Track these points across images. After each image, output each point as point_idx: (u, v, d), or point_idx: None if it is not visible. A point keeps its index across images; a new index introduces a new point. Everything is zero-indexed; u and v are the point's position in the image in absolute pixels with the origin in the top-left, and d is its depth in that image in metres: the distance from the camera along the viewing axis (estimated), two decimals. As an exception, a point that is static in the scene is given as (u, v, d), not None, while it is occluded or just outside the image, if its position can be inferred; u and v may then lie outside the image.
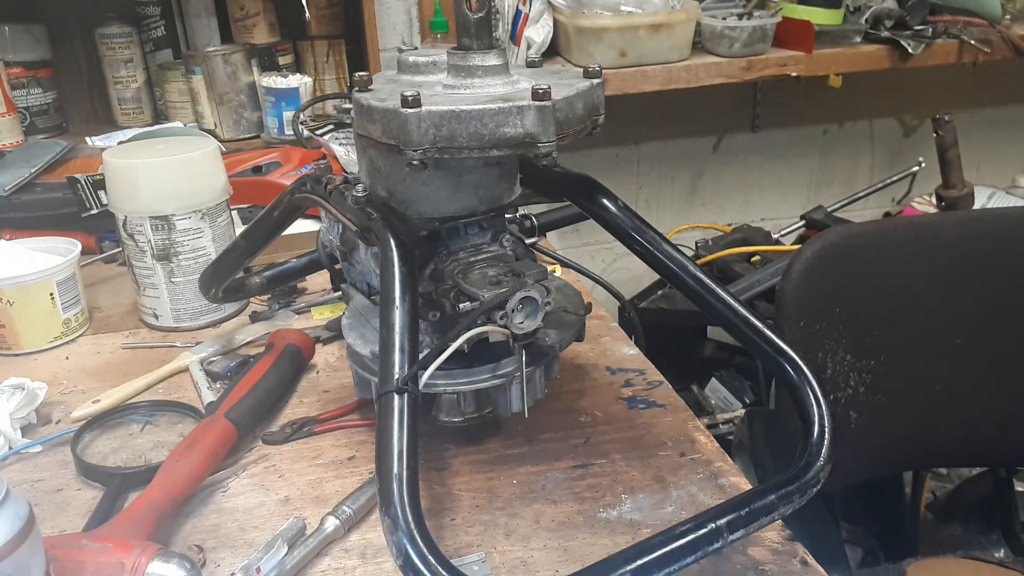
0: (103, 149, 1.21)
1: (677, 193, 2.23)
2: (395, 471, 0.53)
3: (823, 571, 0.61)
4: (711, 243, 1.85)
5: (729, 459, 0.74)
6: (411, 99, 0.60)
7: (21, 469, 0.76)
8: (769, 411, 1.51)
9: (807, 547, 0.63)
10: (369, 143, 0.66)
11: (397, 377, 0.57)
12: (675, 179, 2.21)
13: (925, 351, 1.06)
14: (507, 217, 0.74)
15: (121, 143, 1.30)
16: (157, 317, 1.01)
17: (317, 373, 0.91)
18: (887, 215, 2.27)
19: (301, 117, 1.45)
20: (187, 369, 0.91)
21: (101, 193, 1.21)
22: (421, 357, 0.59)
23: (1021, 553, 1.21)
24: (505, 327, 0.63)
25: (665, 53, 1.69)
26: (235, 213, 1.14)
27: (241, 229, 0.90)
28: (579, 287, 0.97)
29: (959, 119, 1.85)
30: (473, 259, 0.68)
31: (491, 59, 0.65)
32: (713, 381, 1.76)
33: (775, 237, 1.95)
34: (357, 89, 0.67)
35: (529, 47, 1.68)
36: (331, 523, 0.65)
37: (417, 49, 0.72)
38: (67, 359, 0.96)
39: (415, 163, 0.61)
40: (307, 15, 1.61)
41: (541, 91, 0.60)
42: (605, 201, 0.71)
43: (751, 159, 2.23)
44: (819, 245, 1.02)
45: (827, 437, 0.62)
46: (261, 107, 1.66)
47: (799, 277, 1.00)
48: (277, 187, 1.24)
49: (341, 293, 0.82)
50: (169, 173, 0.96)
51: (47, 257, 0.98)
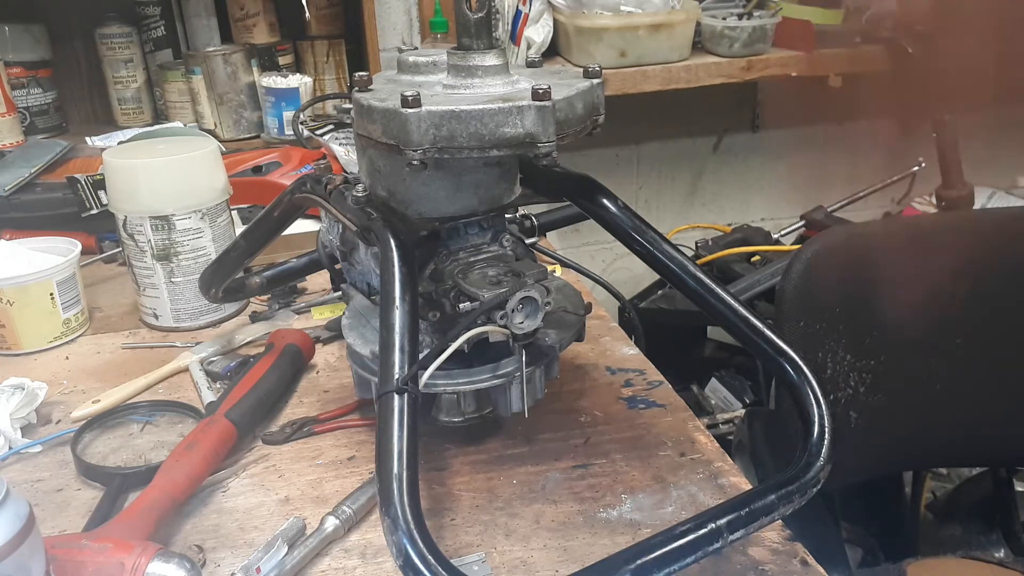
0: (103, 149, 1.21)
1: (677, 193, 2.23)
2: (395, 471, 0.53)
3: (823, 571, 0.61)
4: (711, 243, 1.85)
5: (729, 459, 0.74)
6: (411, 99, 0.60)
7: (21, 469, 0.76)
8: (769, 411, 1.51)
9: (807, 547, 0.63)
10: (369, 143, 0.66)
11: (397, 377, 0.57)
12: (675, 179, 2.21)
13: (925, 351, 1.06)
14: (507, 217, 0.74)
15: (121, 143, 1.30)
16: (157, 317, 1.01)
17: (317, 373, 0.91)
18: (887, 215, 2.27)
19: (301, 117, 1.45)
20: (187, 369, 0.91)
21: (101, 193, 1.21)
22: (421, 357, 0.59)
23: (1021, 553, 1.21)
24: (505, 327, 0.63)
25: (665, 53, 1.69)
26: (235, 213, 1.14)
27: (241, 229, 0.90)
28: (579, 287, 0.97)
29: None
30: (473, 259, 0.68)
31: (491, 59, 0.65)
32: (713, 381, 1.76)
33: (775, 237, 1.95)
34: (357, 89, 0.67)
35: (529, 47, 1.68)
36: (331, 523, 0.65)
37: (417, 49, 0.72)
38: (67, 359, 0.96)
39: (415, 163, 0.61)
40: (307, 15, 1.61)
41: (541, 91, 0.60)
42: (605, 201, 0.71)
43: (751, 159, 2.23)
44: (819, 245, 1.02)
45: (827, 437, 0.62)
46: (261, 107, 1.66)
47: (799, 277, 1.00)
48: (277, 187, 1.24)
49: (341, 293, 0.82)
50: (169, 173, 0.96)
51: (47, 257, 0.98)
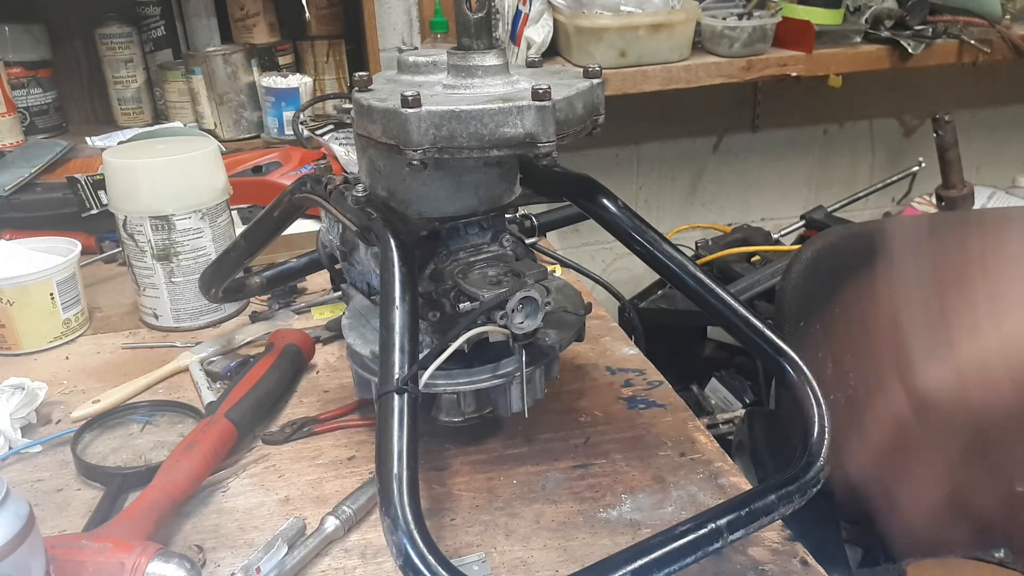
0: (103, 149, 1.21)
1: (677, 193, 2.23)
2: (395, 471, 0.53)
3: (823, 571, 0.61)
4: (711, 243, 1.85)
5: (729, 459, 0.74)
6: (411, 99, 0.60)
7: (21, 469, 0.76)
8: (769, 411, 1.51)
9: (807, 547, 0.63)
10: (369, 143, 0.66)
11: (397, 377, 0.57)
12: (675, 179, 2.21)
13: (925, 351, 1.06)
14: (507, 217, 0.73)
15: (121, 143, 1.30)
16: (157, 317, 1.01)
17: (317, 373, 0.91)
18: (887, 215, 2.27)
19: (301, 117, 1.45)
20: (187, 369, 0.91)
21: (101, 193, 1.21)
22: (421, 357, 0.59)
23: (1021, 553, 1.21)
24: (505, 327, 0.63)
25: (665, 53, 1.69)
26: (235, 213, 1.14)
27: (241, 229, 0.90)
28: (579, 287, 0.97)
29: (959, 119, 1.85)
30: (473, 259, 0.68)
31: (491, 59, 0.65)
32: (713, 381, 1.76)
33: (775, 237, 1.95)
34: (357, 89, 0.67)
35: (529, 47, 1.68)
36: (331, 523, 0.65)
37: (417, 49, 0.72)
38: (67, 359, 0.96)
39: (415, 163, 0.61)
40: (307, 15, 1.61)
41: (541, 91, 0.60)
42: (605, 201, 0.71)
43: (751, 159, 2.23)
44: (819, 245, 1.02)
45: (827, 437, 0.62)
46: (261, 107, 1.66)
47: (799, 277, 1.00)
48: (277, 187, 1.24)
49: (341, 293, 0.82)
50: (169, 173, 0.96)
51: (47, 257, 0.98)
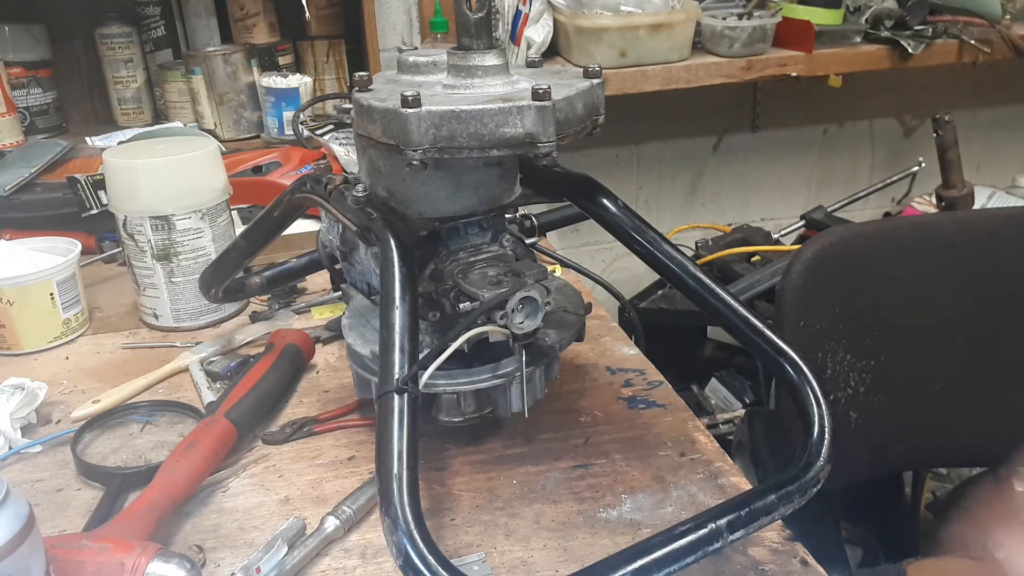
0: (103, 149, 1.21)
1: (677, 193, 2.23)
2: (395, 471, 0.53)
3: (823, 571, 0.61)
4: (711, 243, 1.85)
5: (729, 459, 0.74)
6: (411, 99, 0.60)
7: (21, 469, 0.76)
8: (769, 411, 1.51)
9: (807, 547, 0.63)
10: (369, 143, 0.66)
11: (397, 377, 0.57)
12: (675, 179, 2.21)
13: (925, 351, 1.06)
14: (507, 217, 0.74)
15: (121, 143, 1.30)
16: (157, 317, 1.01)
17: (317, 373, 0.91)
18: (887, 215, 2.27)
19: (301, 117, 1.45)
20: (187, 369, 0.91)
21: (101, 193, 1.21)
22: (421, 357, 0.59)
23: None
24: (505, 327, 0.63)
25: (665, 53, 1.68)
26: (235, 213, 1.14)
27: (241, 229, 0.90)
28: (579, 287, 0.97)
29: (959, 119, 1.85)
30: (473, 259, 0.68)
31: (491, 59, 0.65)
32: (713, 381, 1.76)
33: (775, 237, 1.95)
34: (357, 89, 0.67)
35: (529, 47, 1.68)
36: (331, 523, 0.65)
37: (417, 49, 0.72)
38: (67, 359, 0.96)
39: (415, 163, 0.61)
40: (307, 15, 1.61)
41: (541, 91, 0.60)
42: (605, 201, 0.71)
43: (751, 159, 2.23)
44: (819, 245, 1.02)
45: (827, 437, 0.62)
46: (261, 107, 1.66)
47: (799, 277, 1.00)
48: (277, 187, 1.24)
49: (341, 293, 0.82)
50: (169, 173, 0.96)
51: (47, 257, 0.98)
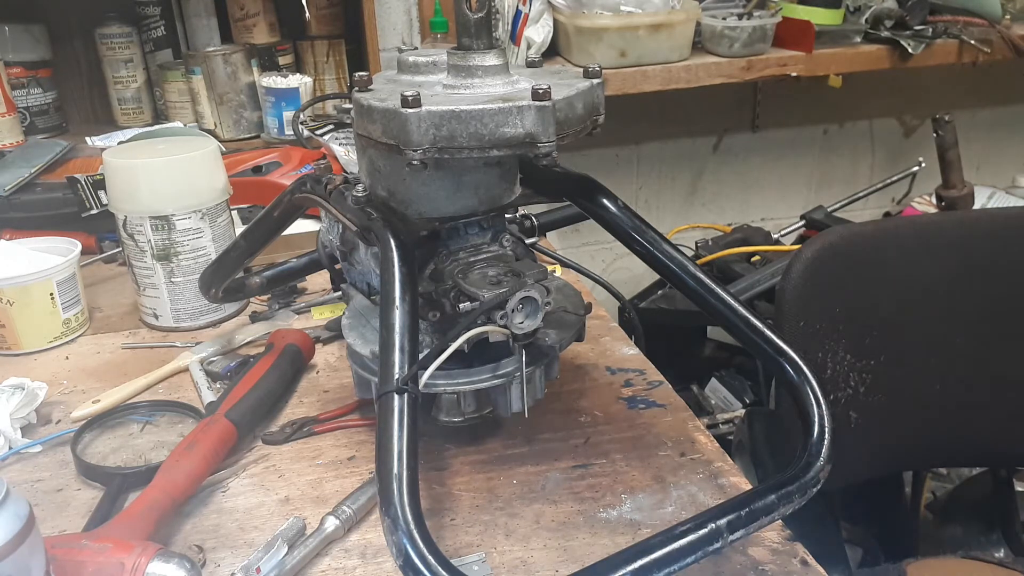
0: (103, 149, 1.21)
1: (677, 193, 2.23)
2: (395, 471, 0.53)
3: (823, 571, 0.61)
4: (711, 243, 1.85)
5: (729, 459, 0.74)
6: (411, 99, 0.60)
7: (21, 469, 0.76)
8: (769, 411, 1.51)
9: (807, 547, 0.63)
10: (369, 143, 0.66)
11: (397, 377, 0.57)
12: (675, 179, 2.21)
13: (925, 351, 1.06)
14: (507, 217, 0.74)
15: (121, 143, 1.30)
16: (157, 317, 1.01)
17: (317, 373, 0.91)
18: (887, 215, 2.27)
19: (301, 117, 1.45)
20: (187, 369, 0.91)
21: (101, 193, 1.21)
22: (421, 357, 0.59)
23: (1021, 553, 1.21)
24: (505, 327, 0.63)
25: (665, 53, 1.68)
26: (235, 213, 1.14)
27: (241, 229, 0.90)
28: (579, 287, 0.97)
29: (959, 119, 1.85)
30: (473, 259, 0.68)
31: (491, 59, 0.65)
32: (713, 381, 1.76)
33: (775, 237, 1.95)
34: (357, 89, 0.67)
35: (529, 47, 1.68)
36: (331, 523, 0.65)
37: (417, 49, 0.72)
38: (67, 359, 0.96)
39: (415, 163, 0.61)
40: (307, 15, 1.61)
41: (541, 91, 0.60)
42: (605, 201, 0.71)
43: (751, 159, 2.23)
44: (819, 245, 1.02)
45: (827, 437, 0.62)
46: (261, 107, 1.66)
47: (799, 277, 1.00)
48: (277, 187, 1.24)
49: (341, 293, 0.82)
50: (169, 173, 0.96)
51: (47, 257, 0.98)
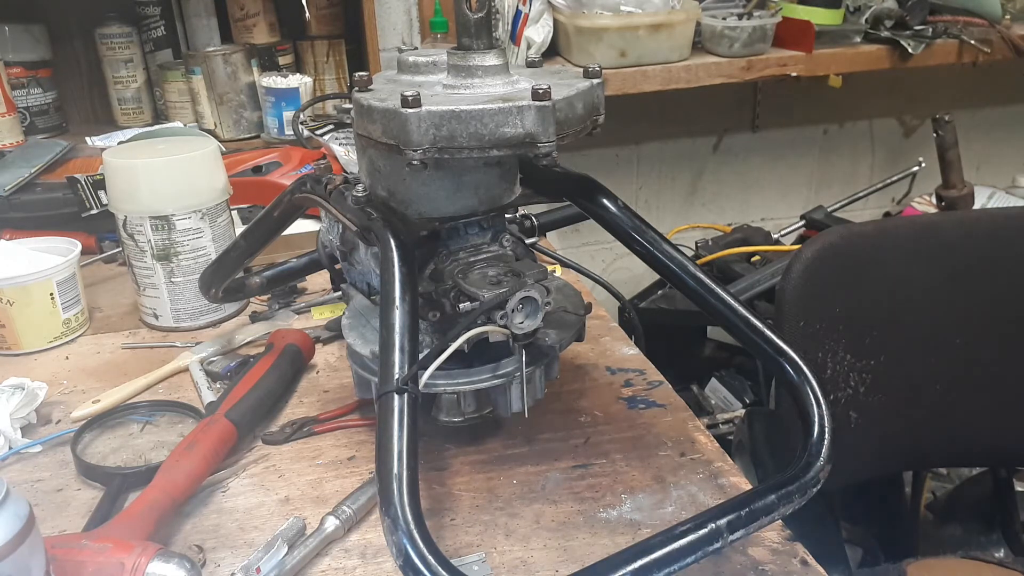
0: (103, 149, 1.21)
1: (677, 193, 2.23)
2: (395, 471, 0.53)
3: (823, 571, 0.61)
4: (711, 243, 1.85)
5: (729, 459, 0.74)
6: (411, 99, 0.60)
7: (21, 469, 0.76)
8: (769, 411, 1.51)
9: (807, 547, 0.63)
10: (369, 143, 0.66)
11: (397, 377, 0.57)
12: (675, 179, 2.21)
13: (925, 351, 1.06)
14: (507, 217, 0.74)
15: (121, 143, 1.30)
16: (157, 317, 1.01)
17: (317, 373, 0.91)
18: (887, 215, 2.27)
19: (301, 117, 1.45)
20: (187, 369, 0.91)
21: (101, 193, 1.21)
22: (421, 357, 0.59)
23: (1021, 553, 1.21)
24: (505, 327, 0.63)
25: (665, 53, 1.69)
26: (235, 213, 1.14)
27: (241, 229, 0.90)
28: (579, 287, 0.97)
29: (959, 119, 1.85)
30: (473, 259, 0.68)
31: (491, 59, 0.65)
32: (713, 381, 1.76)
33: (775, 237, 1.95)
34: (357, 89, 0.67)
35: (529, 47, 1.68)
36: (331, 523, 0.65)
37: (417, 49, 0.72)
38: (67, 359, 0.96)
39: (415, 163, 0.61)
40: (307, 15, 1.61)
41: (541, 91, 0.60)
42: (605, 201, 0.71)
43: (751, 159, 2.23)
44: (819, 245, 1.02)
45: (827, 437, 0.62)
46: (261, 107, 1.66)
47: (799, 277, 1.00)
48: (277, 187, 1.24)
49: (341, 293, 0.82)
50: (169, 173, 0.96)
51: (47, 257, 0.98)
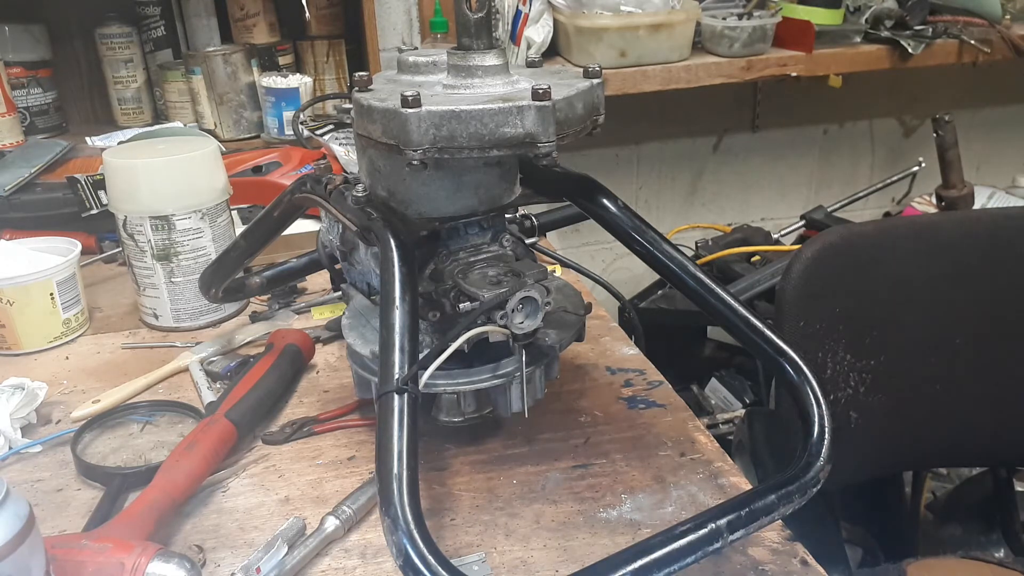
0: (103, 149, 1.21)
1: (677, 193, 2.23)
2: (395, 471, 0.53)
3: (823, 571, 0.61)
4: (711, 243, 1.85)
5: (729, 459, 0.74)
6: (411, 99, 0.60)
7: (21, 469, 0.76)
8: (769, 411, 1.51)
9: (807, 547, 0.63)
10: (369, 143, 0.66)
11: (397, 377, 0.57)
12: (675, 179, 2.21)
13: (925, 351, 1.06)
14: (507, 217, 0.74)
15: (121, 143, 1.30)
16: (157, 317, 1.01)
17: (317, 373, 0.91)
18: (887, 215, 2.27)
19: (301, 117, 1.45)
20: (187, 369, 0.91)
21: (101, 193, 1.21)
22: (421, 357, 0.59)
23: (1021, 553, 1.21)
24: (505, 327, 0.63)
25: (665, 53, 1.69)
26: (235, 213, 1.14)
27: (241, 229, 0.90)
28: (579, 287, 0.97)
29: (959, 119, 1.85)
30: (473, 259, 0.68)
31: (491, 59, 0.65)
32: (713, 381, 1.76)
33: (775, 237, 1.95)
34: (357, 89, 0.67)
35: (529, 47, 1.68)
36: (331, 523, 0.65)
37: (417, 49, 0.72)
38: (67, 359, 0.96)
39: (415, 163, 0.61)
40: (307, 15, 1.61)
41: (541, 91, 0.60)
42: (605, 201, 0.71)
43: (751, 159, 2.23)
44: (819, 245, 1.02)
45: (827, 437, 0.62)
46: (261, 107, 1.66)
47: (799, 277, 1.00)
48: (277, 187, 1.24)
49: (341, 293, 0.82)
50: (169, 173, 0.96)
51: (47, 257, 0.98)
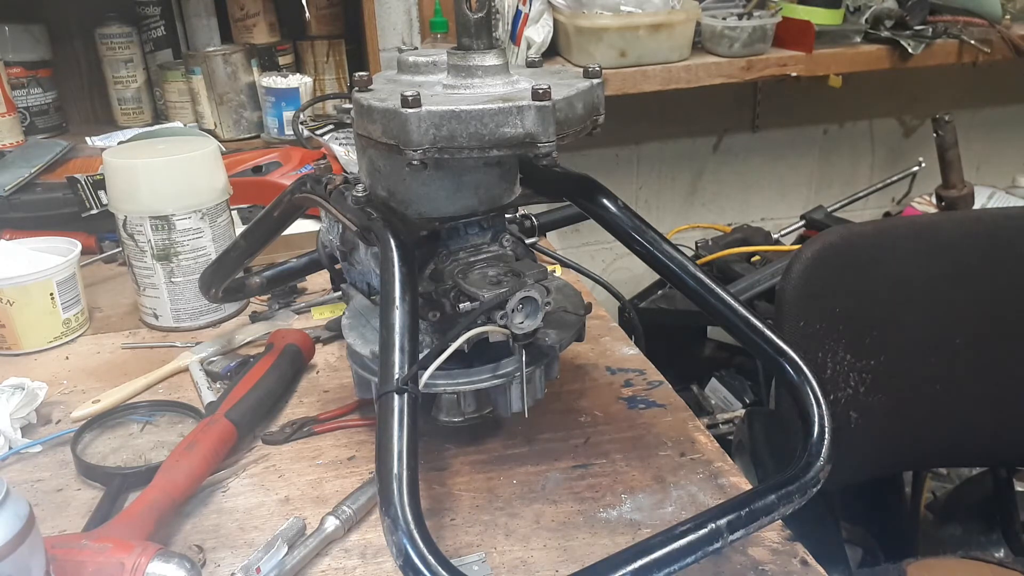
0: (103, 149, 1.21)
1: (677, 193, 2.23)
2: (395, 471, 0.53)
3: (823, 571, 0.61)
4: (711, 243, 1.85)
5: (729, 459, 0.74)
6: (411, 99, 0.60)
7: (21, 469, 0.76)
8: (769, 411, 1.51)
9: (807, 547, 0.63)
10: (369, 143, 0.66)
11: (397, 377, 0.57)
12: (675, 179, 2.21)
13: (925, 351, 1.06)
14: (507, 217, 0.74)
15: (121, 143, 1.30)
16: (157, 317, 1.01)
17: (317, 373, 0.91)
18: (887, 215, 2.27)
19: (301, 117, 1.45)
20: (187, 369, 0.91)
21: (101, 193, 1.21)
22: (421, 357, 0.59)
23: (1021, 553, 1.21)
24: (505, 327, 0.63)
25: (665, 53, 1.69)
26: (235, 213, 1.14)
27: (241, 229, 0.90)
28: (579, 287, 0.97)
29: (959, 119, 1.85)
30: (473, 259, 0.68)
31: (491, 59, 0.65)
32: (713, 381, 1.76)
33: (775, 237, 1.95)
34: (357, 89, 0.67)
35: (529, 47, 1.68)
36: (331, 523, 0.65)
37: (417, 49, 0.72)
38: (67, 359, 0.96)
39: (415, 163, 0.61)
40: (307, 15, 1.61)
41: (541, 91, 0.60)
42: (605, 201, 0.71)
43: (751, 159, 2.23)
44: (819, 245, 1.02)
45: (827, 437, 0.62)
46: (261, 107, 1.66)
47: (799, 277, 1.00)
48: (277, 187, 1.24)
49: (341, 293, 0.82)
50: (169, 173, 0.96)
51: (47, 257, 0.98)
